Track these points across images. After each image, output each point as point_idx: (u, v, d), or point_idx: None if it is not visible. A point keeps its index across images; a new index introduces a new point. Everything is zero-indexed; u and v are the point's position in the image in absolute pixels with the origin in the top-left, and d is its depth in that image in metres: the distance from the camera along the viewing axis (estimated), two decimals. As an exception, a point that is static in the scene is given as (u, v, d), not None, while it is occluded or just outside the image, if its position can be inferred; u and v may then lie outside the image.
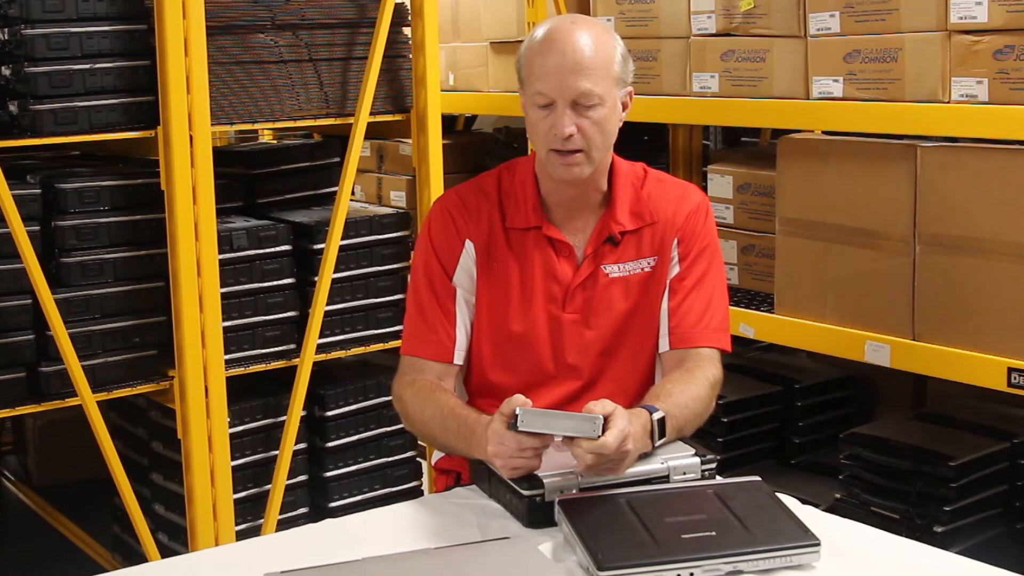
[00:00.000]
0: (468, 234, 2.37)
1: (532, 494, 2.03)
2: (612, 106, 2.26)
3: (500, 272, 2.37)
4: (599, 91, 2.22)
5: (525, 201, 2.37)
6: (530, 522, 2.03)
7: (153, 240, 3.24)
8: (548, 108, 2.24)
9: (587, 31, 2.25)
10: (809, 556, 1.87)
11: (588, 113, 2.22)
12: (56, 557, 4.05)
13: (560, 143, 2.23)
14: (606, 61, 2.24)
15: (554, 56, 2.22)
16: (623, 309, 2.36)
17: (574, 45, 2.22)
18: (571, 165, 2.26)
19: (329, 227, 3.43)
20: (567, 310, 2.35)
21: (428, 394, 2.30)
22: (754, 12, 3.34)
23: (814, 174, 3.22)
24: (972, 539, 3.04)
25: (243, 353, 3.41)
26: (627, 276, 2.36)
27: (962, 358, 2.87)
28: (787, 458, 3.77)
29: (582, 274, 2.35)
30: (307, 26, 3.46)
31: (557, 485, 2.03)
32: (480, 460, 2.18)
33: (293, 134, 4.45)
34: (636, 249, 2.37)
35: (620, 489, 2.03)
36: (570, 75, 2.20)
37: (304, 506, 3.62)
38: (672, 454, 2.13)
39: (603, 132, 2.25)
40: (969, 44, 2.83)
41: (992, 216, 2.82)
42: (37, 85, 3.06)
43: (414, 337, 2.39)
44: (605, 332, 2.36)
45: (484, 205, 2.39)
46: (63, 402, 3.19)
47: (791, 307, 3.30)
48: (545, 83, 2.23)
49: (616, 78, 2.26)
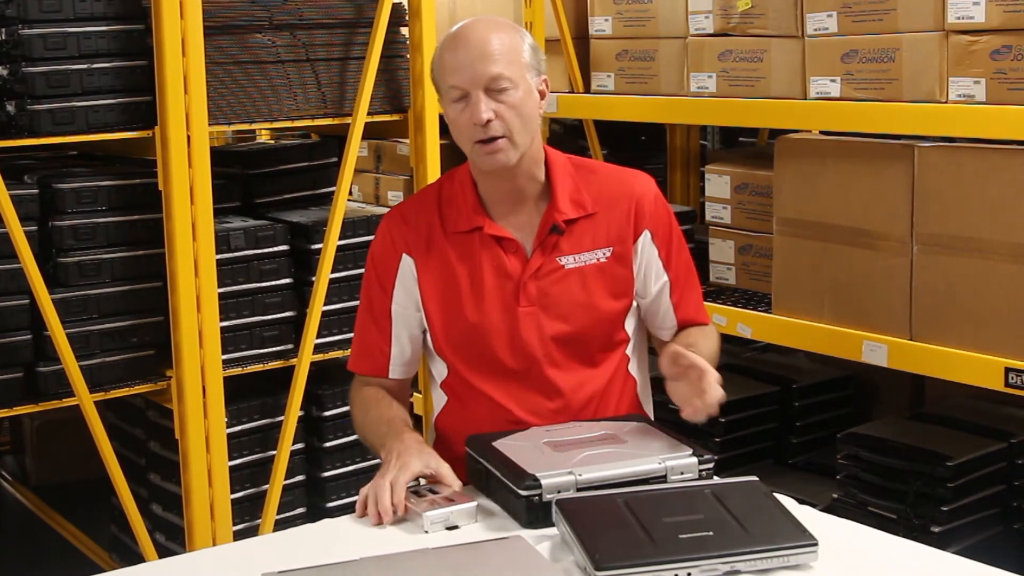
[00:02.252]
0: (404, 248, 2.41)
1: (530, 494, 2.03)
2: (527, 90, 2.31)
3: (448, 277, 2.38)
4: (509, 74, 2.27)
5: (465, 204, 2.40)
6: (528, 522, 2.03)
7: (151, 240, 3.24)
8: (464, 100, 2.29)
9: (491, 24, 2.34)
10: (807, 556, 1.87)
11: (502, 97, 2.27)
12: (54, 557, 4.04)
13: (481, 132, 2.28)
14: (512, 47, 2.30)
15: (461, 50, 2.30)
16: (581, 299, 2.38)
17: (479, 36, 2.30)
18: (495, 152, 2.29)
19: (327, 227, 3.43)
20: (521, 303, 2.36)
21: (371, 402, 2.45)
22: (751, 12, 3.34)
23: (812, 174, 3.22)
24: (969, 539, 3.04)
25: (241, 353, 3.41)
26: (582, 267, 2.38)
27: (959, 358, 2.87)
28: (785, 458, 3.77)
29: (532, 266, 2.37)
30: (305, 26, 3.46)
31: (555, 485, 2.03)
32: (476, 460, 2.20)
33: (291, 134, 4.45)
34: (591, 239, 2.40)
35: (617, 490, 2.03)
36: (478, 63, 2.27)
37: (302, 506, 3.62)
38: (670, 454, 2.13)
39: (521, 115, 2.29)
40: (966, 44, 2.83)
41: (989, 216, 2.82)
42: (35, 85, 3.05)
43: (353, 354, 2.54)
44: (566, 322, 2.37)
45: (423, 215, 2.43)
46: (60, 402, 3.18)
47: (788, 307, 3.30)
48: (456, 76, 2.29)
49: (526, 64, 2.32)
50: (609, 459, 2.11)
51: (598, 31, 3.86)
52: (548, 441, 2.19)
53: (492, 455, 2.16)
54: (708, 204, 3.74)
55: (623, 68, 3.79)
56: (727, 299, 3.52)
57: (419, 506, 2.08)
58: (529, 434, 2.25)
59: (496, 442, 2.20)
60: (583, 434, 2.23)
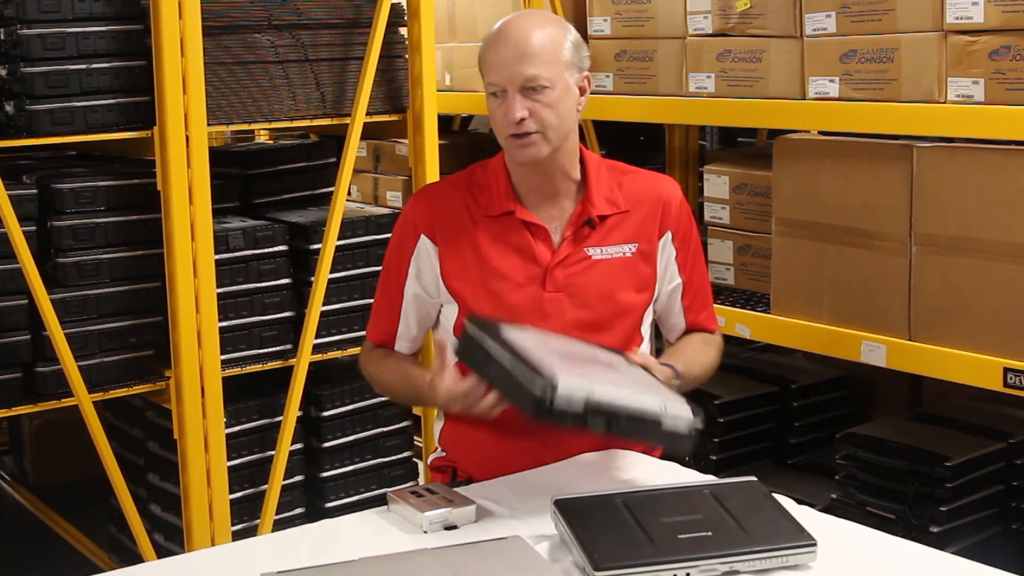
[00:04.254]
0: (425, 229, 2.44)
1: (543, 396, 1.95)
2: (564, 89, 2.34)
3: (476, 259, 2.42)
4: (545, 75, 2.31)
5: (498, 190, 2.44)
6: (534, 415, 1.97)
7: (149, 240, 3.24)
8: (501, 97, 2.33)
9: (534, 21, 2.37)
10: (805, 556, 1.87)
11: (538, 97, 2.31)
12: (52, 557, 4.04)
13: (514, 127, 2.32)
14: (553, 47, 2.33)
15: (501, 48, 2.33)
16: (606, 290, 2.42)
17: (519, 35, 2.33)
18: (527, 146, 2.33)
19: (325, 227, 3.43)
20: (548, 289, 2.40)
21: (383, 360, 2.52)
22: (750, 12, 3.34)
23: (810, 174, 3.22)
24: (968, 539, 3.04)
25: (239, 353, 3.41)
26: (609, 259, 2.43)
27: (958, 358, 2.87)
28: (783, 458, 3.77)
29: (561, 254, 2.41)
30: (304, 26, 3.46)
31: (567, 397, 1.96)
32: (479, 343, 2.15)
33: (289, 134, 4.45)
34: (620, 234, 2.45)
35: (617, 490, 2.03)
36: (515, 63, 2.31)
37: (300, 506, 3.62)
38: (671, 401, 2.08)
39: (557, 113, 2.33)
40: (965, 44, 2.83)
41: (988, 216, 2.82)
42: (33, 85, 3.05)
43: (370, 323, 2.60)
44: (590, 310, 2.41)
45: (453, 198, 2.47)
46: (59, 402, 3.18)
47: (787, 307, 3.30)
48: (495, 73, 2.34)
49: (566, 63, 2.35)
50: (619, 384, 2.09)
51: (597, 31, 3.86)
52: (555, 348, 2.16)
53: (501, 344, 2.08)
54: (707, 204, 3.74)
55: (622, 68, 3.79)
56: (726, 299, 3.52)
57: (418, 506, 2.08)
58: (534, 335, 2.21)
59: (504, 331, 2.13)
60: (588, 352, 2.24)
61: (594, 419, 1.99)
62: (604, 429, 2.00)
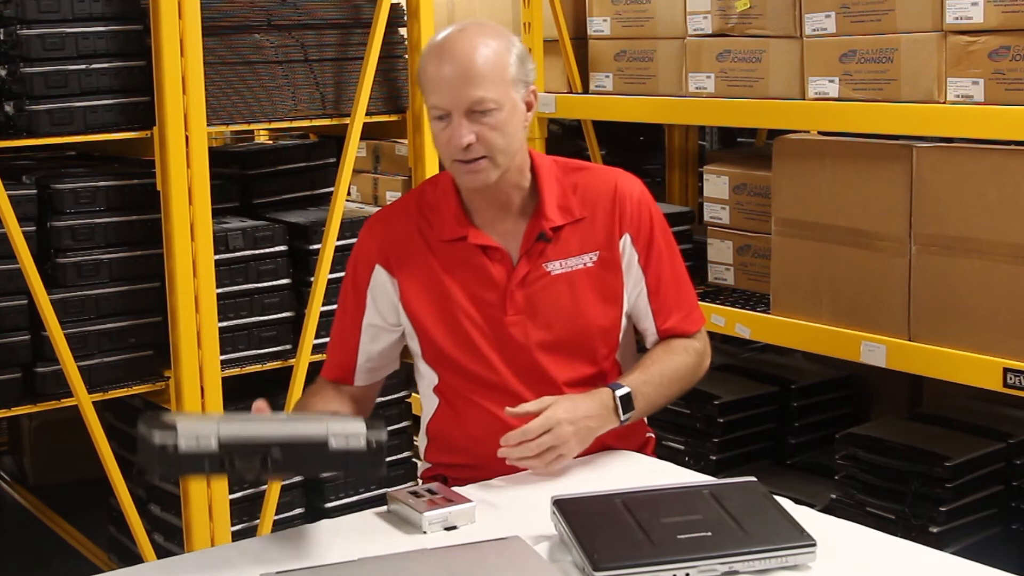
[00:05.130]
0: (379, 260, 2.38)
1: (164, 441, 1.84)
2: (511, 109, 2.25)
3: (434, 289, 2.35)
4: (492, 96, 2.21)
5: (448, 212, 2.36)
6: (161, 473, 1.88)
7: (149, 240, 3.24)
8: (445, 120, 2.23)
9: (478, 37, 2.24)
10: (805, 556, 1.87)
11: (484, 120, 2.22)
12: (52, 558, 4.04)
13: (461, 153, 2.22)
14: (498, 65, 2.23)
15: (444, 67, 2.22)
16: (568, 306, 2.34)
17: (463, 53, 2.21)
18: (475, 172, 2.25)
19: (325, 227, 3.43)
20: (509, 312, 2.33)
21: (308, 396, 2.47)
22: (750, 12, 3.34)
23: (810, 174, 3.22)
24: (968, 539, 3.04)
25: (239, 354, 3.41)
26: (571, 272, 2.35)
27: (958, 358, 2.87)
28: (783, 458, 3.77)
29: (518, 274, 2.33)
30: (303, 26, 3.46)
31: (192, 432, 1.84)
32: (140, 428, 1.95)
33: (289, 134, 4.45)
34: (578, 244, 2.35)
35: (617, 489, 2.03)
36: (461, 85, 2.20)
37: (300, 506, 3.62)
38: (337, 422, 1.94)
39: (505, 135, 2.24)
40: (965, 45, 2.83)
41: (988, 217, 2.82)
42: (33, 85, 3.05)
43: (326, 359, 2.52)
44: (554, 329, 2.34)
45: (403, 225, 2.39)
46: (59, 402, 3.18)
47: (787, 307, 3.30)
48: (438, 96, 2.23)
49: (512, 80, 2.25)
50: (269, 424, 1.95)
51: (596, 31, 3.87)
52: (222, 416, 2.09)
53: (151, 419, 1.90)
54: (706, 204, 3.74)
55: (621, 68, 3.79)
56: (725, 299, 3.52)
57: (417, 507, 2.08)
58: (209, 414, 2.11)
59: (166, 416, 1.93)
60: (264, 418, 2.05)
61: (242, 459, 1.85)
62: (260, 467, 1.87)
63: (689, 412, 3.67)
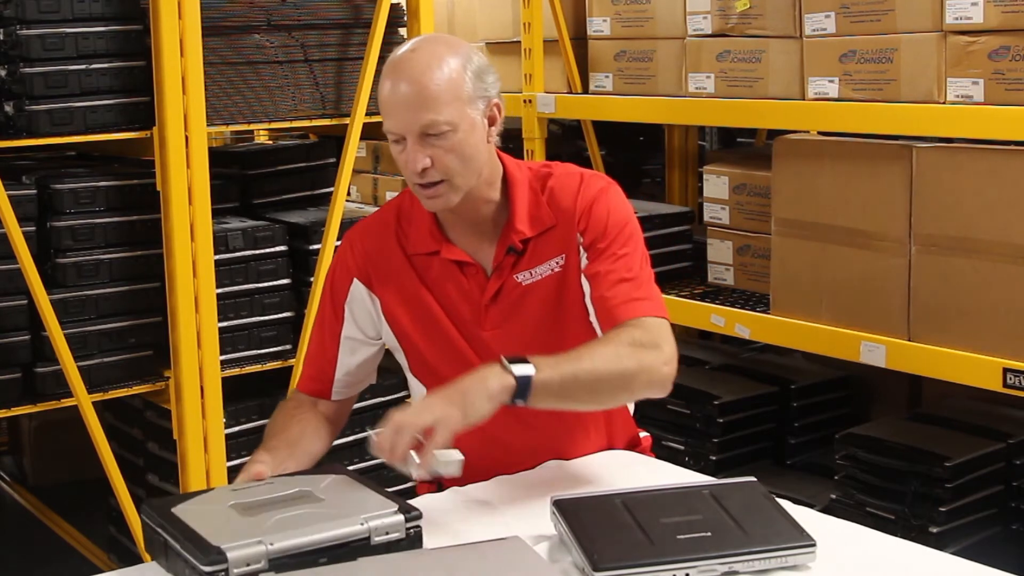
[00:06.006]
0: (357, 274, 2.34)
1: (214, 569, 1.77)
2: (468, 128, 2.17)
3: (414, 303, 2.32)
4: (445, 118, 2.13)
5: (422, 226, 2.32)
6: None
7: (149, 241, 3.24)
8: (401, 143, 2.17)
9: (430, 56, 2.16)
10: (804, 557, 1.87)
11: (439, 143, 2.14)
12: (51, 558, 4.04)
13: (418, 177, 2.17)
14: (451, 85, 2.14)
15: (396, 88, 2.15)
16: (542, 314, 2.30)
17: (412, 75, 2.14)
18: (435, 197, 2.20)
19: (325, 228, 3.43)
20: (485, 328, 2.30)
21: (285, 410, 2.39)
22: (750, 13, 3.34)
23: (810, 175, 3.22)
24: (968, 539, 3.04)
25: (239, 354, 3.41)
26: (540, 280, 2.30)
27: (958, 359, 2.87)
28: (783, 459, 3.78)
29: (491, 289, 2.29)
30: (303, 27, 3.46)
31: (243, 558, 1.79)
32: (153, 529, 1.94)
33: (289, 135, 4.45)
34: (545, 251, 2.30)
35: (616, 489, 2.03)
36: (411, 109, 2.13)
37: (300, 506, 3.62)
38: (373, 512, 1.93)
39: (462, 156, 2.17)
40: (964, 45, 2.83)
41: (988, 217, 2.82)
42: (33, 86, 3.05)
43: (302, 372, 2.47)
44: (530, 341, 2.27)
45: (382, 238, 2.35)
46: (59, 403, 3.18)
47: (787, 308, 3.30)
48: (390, 119, 2.16)
49: (468, 98, 2.17)
50: (305, 522, 1.89)
51: (596, 32, 3.87)
52: (236, 504, 1.96)
53: (171, 523, 1.89)
54: (706, 205, 3.74)
55: (621, 69, 3.79)
56: (725, 300, 3.53)
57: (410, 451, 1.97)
58: (214, 496, 2.07)
59: (176, 507, 1.94)
60: (274, 493, 2.01)
61: (291, 568, 1.81)
62: None
63: (689, 412, 3.67)
